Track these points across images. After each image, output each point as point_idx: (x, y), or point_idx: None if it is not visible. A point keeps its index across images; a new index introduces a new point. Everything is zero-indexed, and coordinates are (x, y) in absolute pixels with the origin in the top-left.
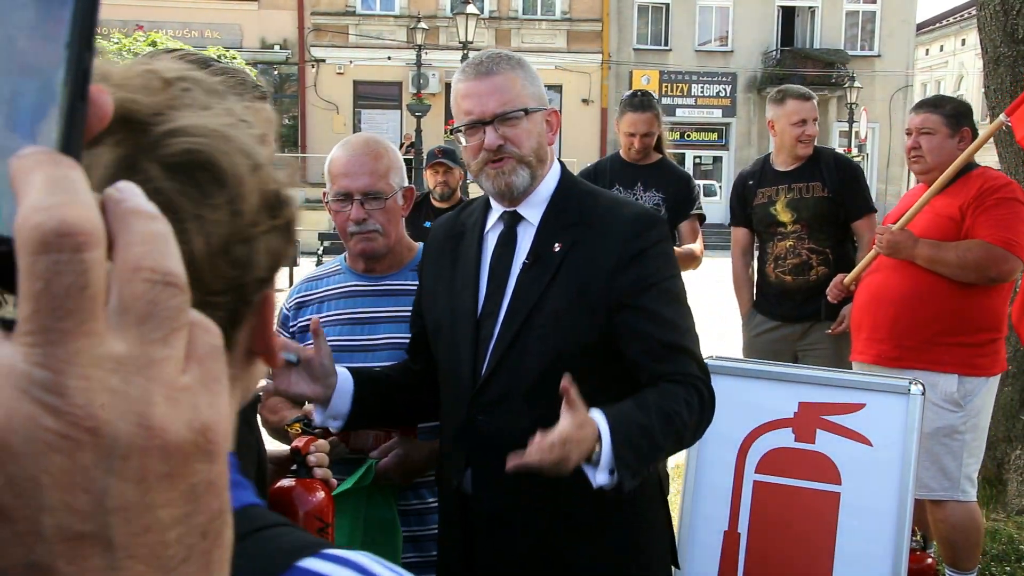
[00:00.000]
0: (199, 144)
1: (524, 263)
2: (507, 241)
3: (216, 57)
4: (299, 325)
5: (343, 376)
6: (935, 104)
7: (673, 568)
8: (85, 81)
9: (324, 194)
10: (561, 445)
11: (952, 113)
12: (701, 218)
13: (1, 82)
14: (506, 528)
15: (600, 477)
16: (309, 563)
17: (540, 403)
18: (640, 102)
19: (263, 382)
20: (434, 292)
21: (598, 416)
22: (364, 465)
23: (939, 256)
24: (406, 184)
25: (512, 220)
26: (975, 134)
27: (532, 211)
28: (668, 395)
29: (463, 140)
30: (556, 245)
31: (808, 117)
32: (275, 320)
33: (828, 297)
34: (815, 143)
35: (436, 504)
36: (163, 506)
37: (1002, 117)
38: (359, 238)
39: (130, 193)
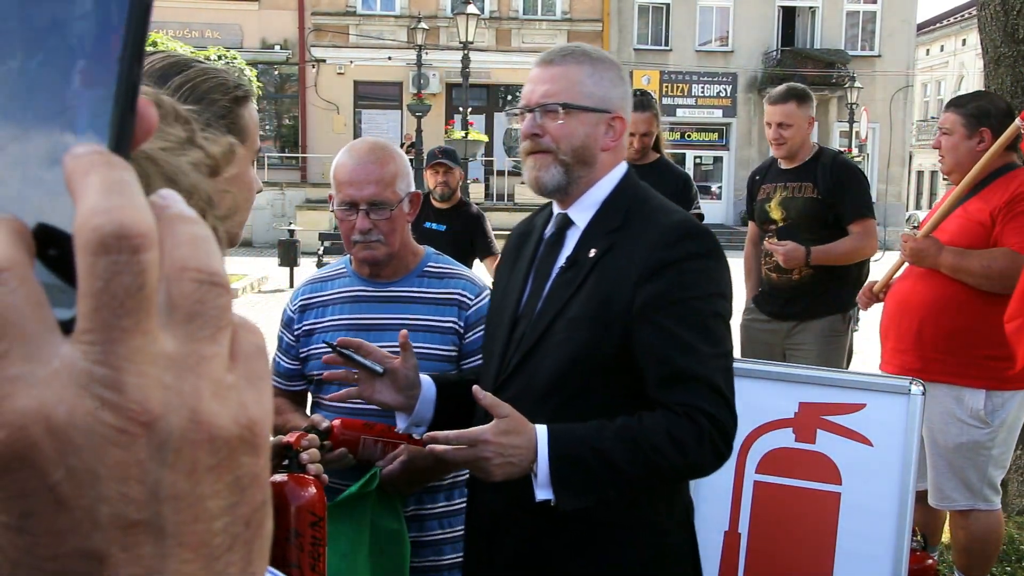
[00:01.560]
0: None
1: (560, 267)
2: (554, 243)
3: (202, 58)
4: (304, 328)
5: (426, 384)
6: (959, 102)
7: None
8: (135, 93)
9: (330, 197)
10: (471, 444)
11: (972, 112)
12: (699, 217)
13: (64, 89)
14: (497, 530)
15: (540, 492)
16: None
17: (548, 410)
18: (639, 102)
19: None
20: (495, 290)
21: (540, 430)
22: (369, 472)
23: (963, 265)
24: (413, 189)
25: (563, 223)
26: (1000, 135)
27: (581, 215)
28: (647, 423)
29: (514, 124)
30: (592, 250)
31: (773, 121)
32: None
33: (859, 304)
34: (816, 143)
35: (436, 510)
36: (211, 497)
37: (1018, 122)
38: (362, 246)
39: (173, 199)
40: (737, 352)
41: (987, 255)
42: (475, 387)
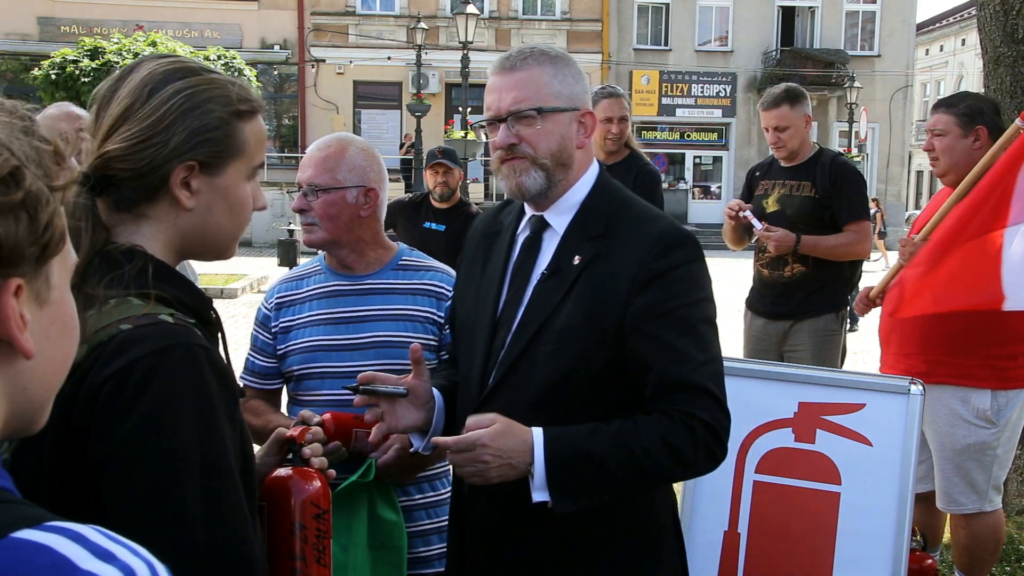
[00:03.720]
0: None
1: (542, 273)
2: (531, 247)
3: (202, 59)
4: (281, 325)
5: (435, 395)
6: (949, 103)
7: None
8: None
9: None
10: (468, 448)
11: (966, 112)
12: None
13: None
14: (495, 540)
15: (537, 494)
16: (25, 534)
17: (541, 421)
18: (608, 91)
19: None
20: (464, 292)
21: (536, 432)
22: (364, 463)
23: None
24: (370, 185)
25: (539, 226)
26: (994, 132)
27: (559, 218)
28: (641, 427)
29: (483, 136)
30: (576, 257)
31: (769, 125)
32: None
33: (855, 310)
34: (816, 143)
35: (423, 500)
36: None
37: (1018, 122)
38: (304, 228)
39: None
40: (740, 353)
41: None
42: (436, 438)
